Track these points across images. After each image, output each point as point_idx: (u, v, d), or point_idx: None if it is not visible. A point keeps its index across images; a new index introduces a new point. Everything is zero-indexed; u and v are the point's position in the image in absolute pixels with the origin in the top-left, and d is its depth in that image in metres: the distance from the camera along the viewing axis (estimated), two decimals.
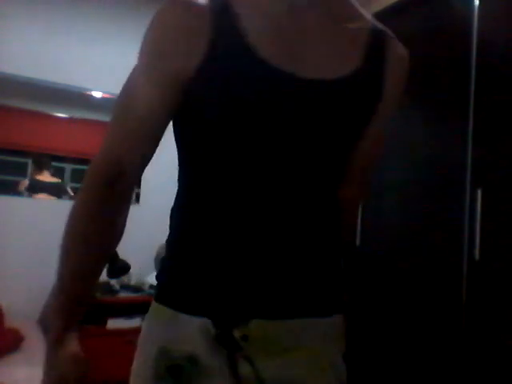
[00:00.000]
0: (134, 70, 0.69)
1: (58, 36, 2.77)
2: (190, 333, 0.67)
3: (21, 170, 2.78)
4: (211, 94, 0.65)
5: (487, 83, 1.64)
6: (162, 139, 0.71)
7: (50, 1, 2.77)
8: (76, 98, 2.86)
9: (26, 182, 2.82)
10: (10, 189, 2.73)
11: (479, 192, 1.59)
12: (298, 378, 0.68)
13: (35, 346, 2.12)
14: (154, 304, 0.73)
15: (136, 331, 2.05)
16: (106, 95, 2.92)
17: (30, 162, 2.80)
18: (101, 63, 2.88)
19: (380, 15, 2.16)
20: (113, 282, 2.58)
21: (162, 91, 0.67)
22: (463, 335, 1.62)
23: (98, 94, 2.91)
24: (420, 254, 1.83)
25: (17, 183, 2.78)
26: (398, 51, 0.80)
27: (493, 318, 1.53)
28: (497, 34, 1.65)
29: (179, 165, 0.74)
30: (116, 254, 2.38)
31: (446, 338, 1.68)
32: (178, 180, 0.74)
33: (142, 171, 0.73)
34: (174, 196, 0.75)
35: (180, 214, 0.73)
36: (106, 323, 2.46)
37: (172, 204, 0.75)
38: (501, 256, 1.52)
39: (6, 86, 2.66)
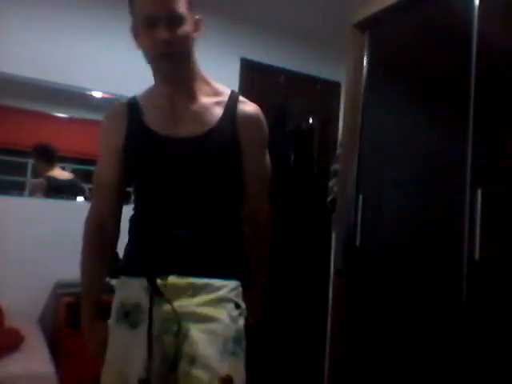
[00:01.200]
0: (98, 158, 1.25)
1: (58, 36, 2.77)
2: (136, 289, 1.13)
3: (21, 170, 2.78)
4: (130, 154, 1.19)
5: (487, 83, 1.64)
6: None
7: (50, 1, 2.76)
8: (76, 97, 2.86)
9: (41, 182, 2.81)
10: (17, 191, 2.73)
11: (479, 192, 1.59)
12: (200, 312, 1.08)
13: (35, 346, 2.13)
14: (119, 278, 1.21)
15: None
16: (106, 95, 2.92)
17: (29, 161, 2.80)
18: (101, 63, 2.88)
19: (380, 15, 2.16)
20: (113, 282, 2.58)
21: (110, 161, 1.21)
22: (463, 335, 1.62)
23: (97, 94, 2.91)
24: (420, 254, 1.83)
25: (22, 184, 2.77)
26: (246, 109, 1.19)
27: (493, 318, 1.53)
28: (497, 34, 1.65)
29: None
30: (116, 255, 2.38)
31: (445, 338, 1.68)
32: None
33: (120, 212, 1.27)
34: None
35: (130, 219, 1.24)
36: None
37: None
38: (501, 256, 1.52)
39: (6, 85, 2.66)
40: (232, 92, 1.21)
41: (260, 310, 1.36)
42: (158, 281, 1.10)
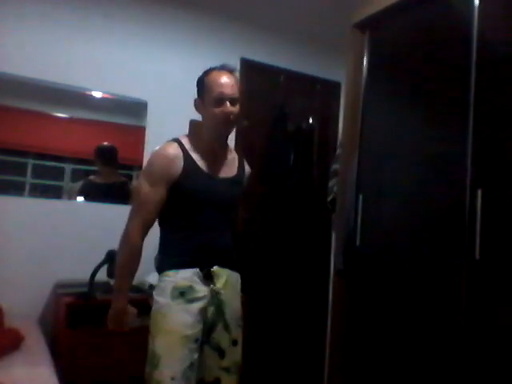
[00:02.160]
0: (141, 185, 1.67)
1: (58, 36, 2.77)
2: (189, 275, 1.66)
3: (21, 170, 2.78)
4: (187, 185, 1.67)
5: (487, 83, 1.64)
6: None
7: (50, 1, 2.76)
8: (76, 97, 2.86)
9: (75, 187, 2.90)
10: (17, 191, 2.73)
11: (479, 192, 1.59)
12: (230, 294, 1.74)
13: (35, 345, 2.13)
14: (162, 276, 1.70)
15: (136, 331, 2.06)
16: (106, 95, 2.93)
17: (29, 161, 2.80)
18: (101, 63, 2.88)
19: (380, 15, 2.16)
20: (113, 282, 2.58)
21: (161, 187, 1.65)
22: (463, 335, 1.62)
23: (97, 94, 2.91)
24: (420, 254, 1.83)
25: (22, 184, 2.77)
26: (246, 167, 1.93)
27: (493, 317, 1.53)
28: (497, 34, 1.65)
29: (161, 216, 1.72)
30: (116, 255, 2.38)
31: (445, 338, 1.68)
32: (160, 223, 1.75)
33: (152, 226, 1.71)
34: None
35: (174, 230, 1.75)
36: (106, 323, 2.45)
37: None
38: (501, 256, 1.52)
39: (6, 85, 2.66)
40: (237, 152, 1.93)
41: None
42: (208, 269, 1.68)
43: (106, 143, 2.98)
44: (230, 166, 1.81)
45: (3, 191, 2.65)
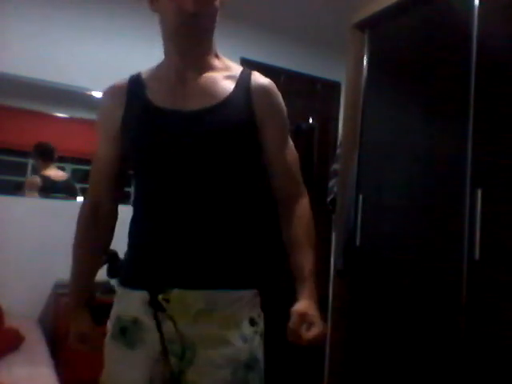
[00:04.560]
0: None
1: (58, 36, 2.77)
2: (134, 302, 0.99)
3: (21, 170, 2.78)
4: (129, 134, 1.03)
5: (487, 83, 1.63)
6: None
7: (50, 1, 2.76)
8: (76, 97, 2.86)
9: (36, 181, 2.81)
10: (14, 190, 2.72)
11: (479, 192, 1.59)
12: (210, 334, 0.94)
13: (35, 345, 2.12)
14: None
15: None
16: None
17: (29, 161, 2.80)
18: (101, 63, 2.88)
19: (380, 15, 2.16)
20: (113, 282, 2.58)
21: (107, 144, 1.07)
22: (463, 335, 1.62)
23: (98, 94, 2.91)
24: (420, 254, 1.83)
25: (22, 184, 2.77)
26: (260, 81, 1.06)
27: (493, 317, 1.53)
28: (497, 34, 1.65)
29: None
30: (116, 254, 2.38)
31: (445, 338, 1.68)
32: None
33: (117, 203, 1.14)
34: None
35: (131, 220, 1.08)
36: (105, 323, 2.45)
37: None
38: (501, 256, 1.52)
39: (6, 85, 2.65)
40: (244, 68, 1.10)
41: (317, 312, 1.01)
42: (160, 296, 0.95)
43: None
44: (211, 91, 1.02)
45: (3, 191, 2.65)
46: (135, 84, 1.07)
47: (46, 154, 2.85)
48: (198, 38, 1.01)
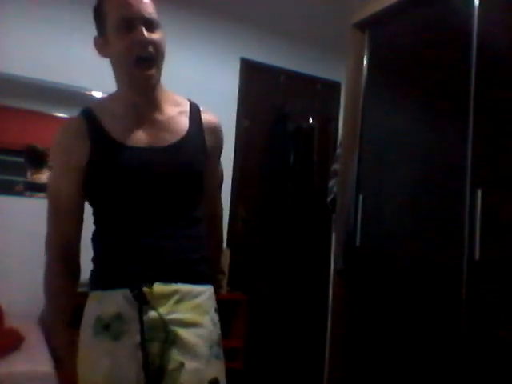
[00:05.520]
0: (50, 176, 1.20)
1: (58, 36, 2.77)
2: (117, 299, 1.10)
3: (20, 170, 2.78)
4: (101, 171, 1.12)
5: (487, 83, 1.64)
6: None
7: (50, 1, 2.76)
8: (76, 97, 2.86)
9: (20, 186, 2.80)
10: (7, 190, 2.72)
11: (479, 192, 1.59)
12: (187, 318, 1.11)
13: (35, 345, 2.13)
14: (90, 293, 1.17)
15: None
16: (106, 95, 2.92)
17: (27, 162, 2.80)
18: (101, 63, 2.87)
19: (380, 15, 2.16)
20: None
21: (72, 181, 1.14)
22: (463, 335, 1.62)
23: (97, 94, 2.91)
24: (420, 254, 1.83)
25: (14, 185, 2.77)
26: (209, 119, 1.23)
27: (493, 317, 1.53)
28: (497, 34, 1.65)
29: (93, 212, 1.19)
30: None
31: (445, 338, 1.68)
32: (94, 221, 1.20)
33: (79, 238, 1.24)
34: None
35: (99, 236, 1.19)
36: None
37: None
38: (501, 256, 1.52)
39: (6, 85, 2.65)
40: (191, 102, 1.25)
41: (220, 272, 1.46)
42: (144, 289, 1.08)
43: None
44: (170, 128, 1.17)
45: (4, 191, 2.65)
46: (91, 121, 1.14)
47: (36, 161, 2.82)
48: (152, 68, 1.12)
